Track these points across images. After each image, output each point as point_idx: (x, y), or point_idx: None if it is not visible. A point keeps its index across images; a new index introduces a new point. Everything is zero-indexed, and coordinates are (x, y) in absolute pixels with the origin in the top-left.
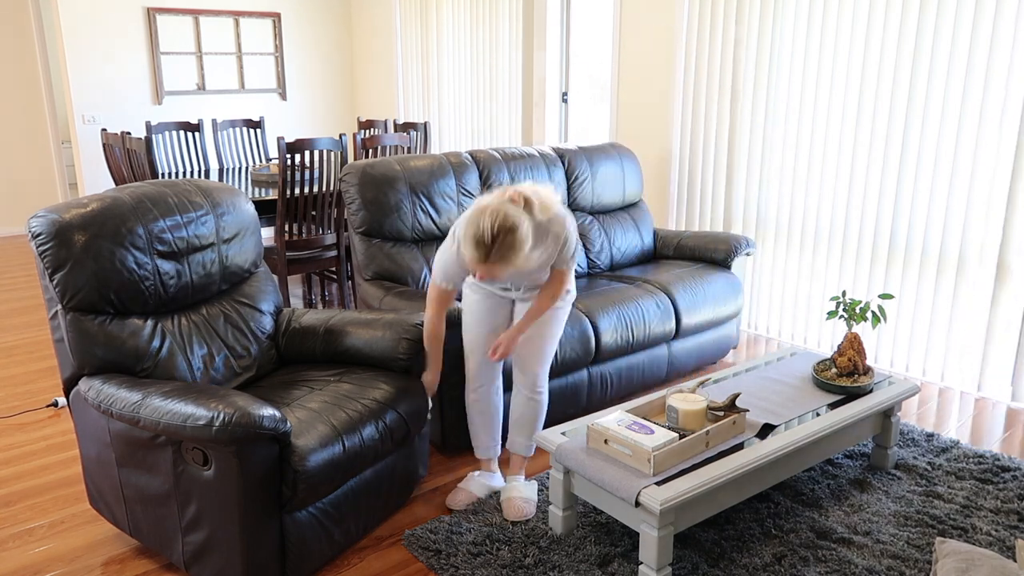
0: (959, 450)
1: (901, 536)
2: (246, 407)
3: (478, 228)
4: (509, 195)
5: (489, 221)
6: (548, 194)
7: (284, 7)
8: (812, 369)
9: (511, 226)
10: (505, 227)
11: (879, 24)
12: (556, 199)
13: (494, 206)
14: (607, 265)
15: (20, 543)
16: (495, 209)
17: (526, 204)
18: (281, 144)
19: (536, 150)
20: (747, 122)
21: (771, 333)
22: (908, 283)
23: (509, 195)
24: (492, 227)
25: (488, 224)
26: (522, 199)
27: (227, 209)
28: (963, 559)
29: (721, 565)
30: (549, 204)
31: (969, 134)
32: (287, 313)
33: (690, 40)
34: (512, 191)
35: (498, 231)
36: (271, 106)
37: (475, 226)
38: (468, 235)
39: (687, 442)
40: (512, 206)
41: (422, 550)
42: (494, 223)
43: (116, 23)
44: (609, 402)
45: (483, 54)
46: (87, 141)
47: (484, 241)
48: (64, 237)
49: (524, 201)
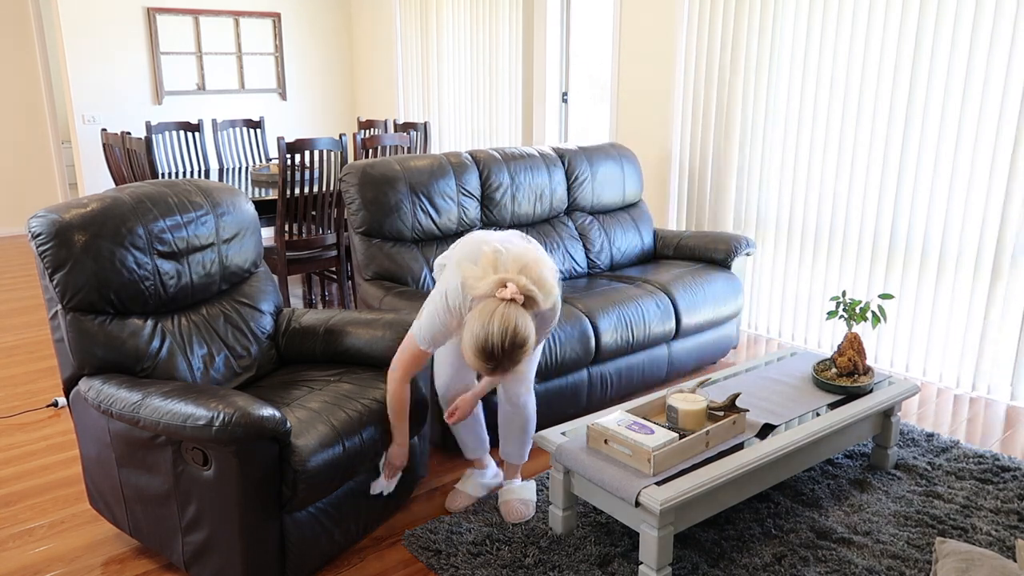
0: (959, 450)
1: (901, 536)
2: (246, 407)
3: (487, 342)
4: (511, 291)
5: (499, 337)
6: (547, 274)
7: (284, 7)
8: (812, 369)
9: (521, 341)
10: (516, 342)
11: (879, 25)
12: (553, 276)
13: (503, 316)
14: (607, 265)
15: (20, 543)
16: (504, 320)
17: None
18: (281, 144)
19: (536, 150)
20: (747, 122)
21: (771, 333)
22: (908, 283)
23: (511, 291)
24: (502, 343)
25: (498, 341)
26: (523, 295)
27: (227, 209)
28: (963, 559)
29: (721, 565)
30: (550, 289)
31: (969, 134)
32: (287, 313)
33: (690, 40)
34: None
35: (509, 346)
36: (271, 106)
37: (482, 338)
38: (475, 346)
39: (687, 442)
40: (520, 313)
41: (422, 550)
42: (503, 339)
43: (116, 23)
44: (609, 402)
45: (483, 54)
46: (87, 141)
47: (494, 355)
48: (64, 237)
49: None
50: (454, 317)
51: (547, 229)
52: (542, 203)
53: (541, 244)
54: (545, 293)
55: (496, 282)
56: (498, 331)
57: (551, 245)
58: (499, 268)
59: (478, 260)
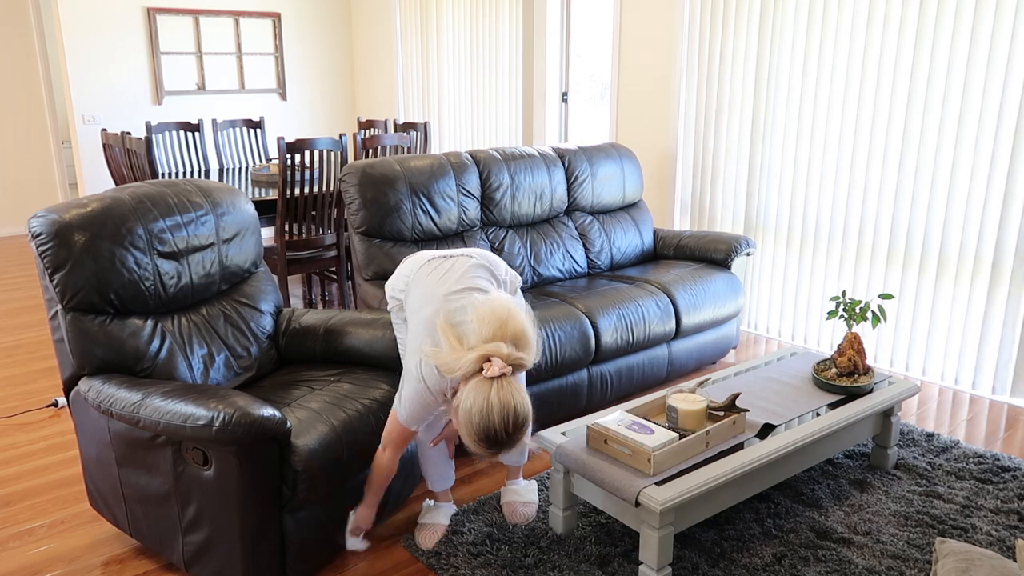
0: (959, 450)
1: (901, 536)
2: (246, 407)
3: (488, 431)
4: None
5: (500, 424)
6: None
7: (284, 7)
8: (812, 369)
9: (523, 420)
10: (518, 423)
11: (879, 24)
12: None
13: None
14: (607, 265)
15: (20, 543)
16: (502, 404)
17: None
18: (281, 144)
19: (536, 150)
20: (747, 121)
21: (771, 333)
22: (908, 283)
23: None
24: (505, 429)
25: (500, 428)
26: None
27: (227, 209)
28: (963, 559)
29: (721, 565)
30: (533, 343)
31: (968, 133)
32: (287, 313)
33: (691, 40)
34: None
35: (512, 429)
36: (271, 106)
37: (483, 428)
38: (476, 437)
39: (687, 442)
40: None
41: (422, 550)
42: (506, 425)
43: (116, 23)
44: (609, 402)
45: (483, 54)
46: (87, 141)
47: (498, 441)
48: (64, 237)
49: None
50: (437, 398)
51: (547, 229)
52: (542, 203)
53: (541, 244)
54: (530, 351)
55: (478, 359)
56: (499, 419)
57: (551, 245)
58: (465, 339)
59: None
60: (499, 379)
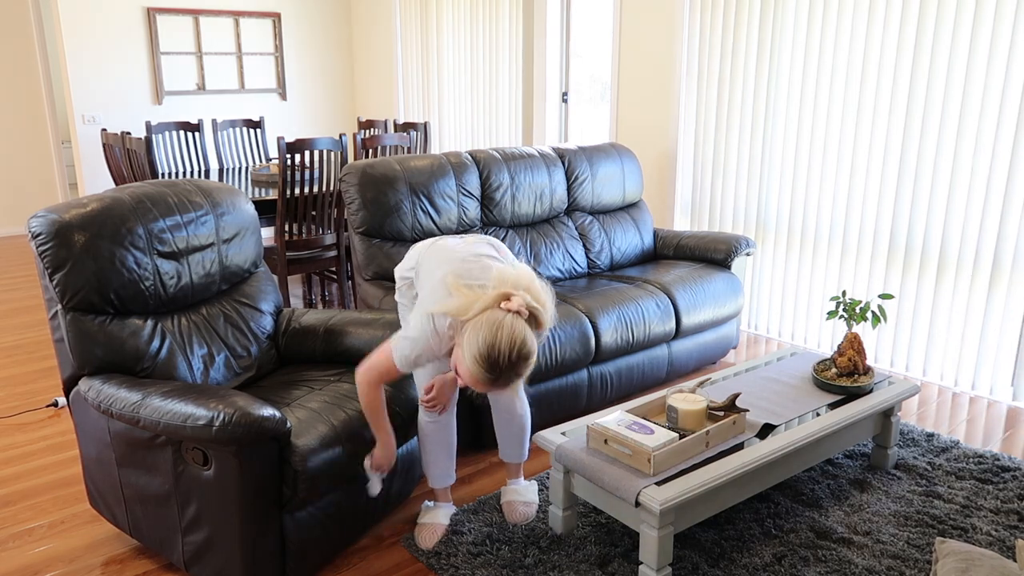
0: (959, 450)
1: (901, 536)
2: (246, 407)
3: (493, 350)
4: (518, 303)
5: (506, 346)
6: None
7: (284, 7)
8: (812, 369)
9: (527, 353)
10: (522, 354)
11: (879, 25)
12: (551, 299)
13: (511, 326)
14: (607, 265)
15: (20, 543)
16: (512, 332)
17: (533, 320)
18: (281, 144)
19: (536, 150)
20: (747, 122)
21: (771, 333)
22: (908, 283)
23: (518, 303)
24: (509, 354)
25: (505, 350)
26: (528, 312)
27: (227, 209)
28: (963, 559)
29: (721, 565)
30: (550, 313)
31: (969, 133)
32: (287, 313)
33: (691, 40)
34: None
35: (516, 357)
36: (271, 106)
37: (488, 346)
38: (478, 355)
39: (687, 442)
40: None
41: (422, 550)
42: (511, 350)
43: (116, 23)
44: (609, 402)
45: (483, 54)
46: (87, 141)
47: (498, 366)
48: (64, 237)
49: (532, 316)
50: (443, 340)
51: (547, 229)
52: (542, 203)
53: (541, 244)
54: (548, 316)
55: (499, 295)
56: (506, 342)
57: (551, 245)
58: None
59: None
60: (515, 314)
